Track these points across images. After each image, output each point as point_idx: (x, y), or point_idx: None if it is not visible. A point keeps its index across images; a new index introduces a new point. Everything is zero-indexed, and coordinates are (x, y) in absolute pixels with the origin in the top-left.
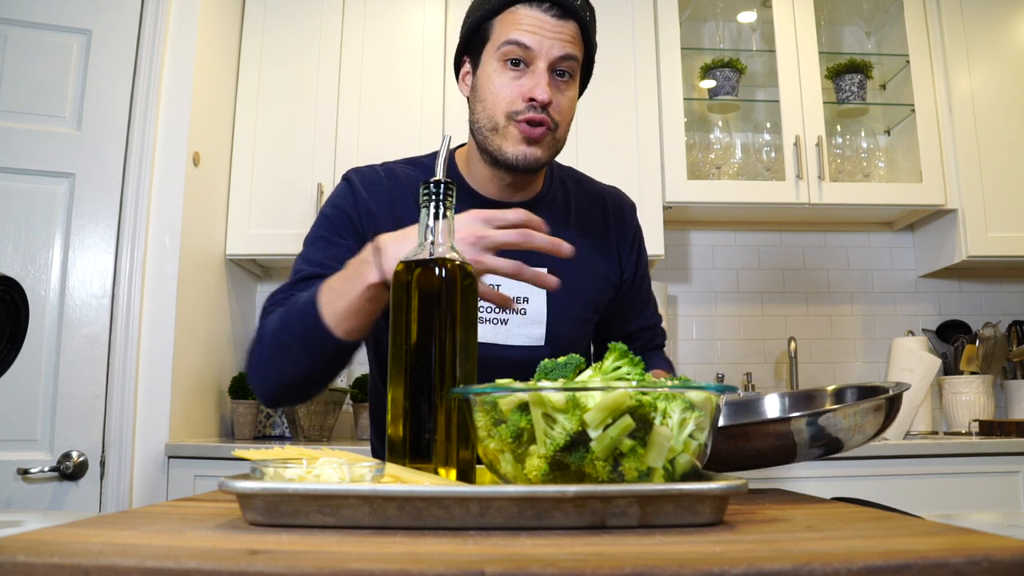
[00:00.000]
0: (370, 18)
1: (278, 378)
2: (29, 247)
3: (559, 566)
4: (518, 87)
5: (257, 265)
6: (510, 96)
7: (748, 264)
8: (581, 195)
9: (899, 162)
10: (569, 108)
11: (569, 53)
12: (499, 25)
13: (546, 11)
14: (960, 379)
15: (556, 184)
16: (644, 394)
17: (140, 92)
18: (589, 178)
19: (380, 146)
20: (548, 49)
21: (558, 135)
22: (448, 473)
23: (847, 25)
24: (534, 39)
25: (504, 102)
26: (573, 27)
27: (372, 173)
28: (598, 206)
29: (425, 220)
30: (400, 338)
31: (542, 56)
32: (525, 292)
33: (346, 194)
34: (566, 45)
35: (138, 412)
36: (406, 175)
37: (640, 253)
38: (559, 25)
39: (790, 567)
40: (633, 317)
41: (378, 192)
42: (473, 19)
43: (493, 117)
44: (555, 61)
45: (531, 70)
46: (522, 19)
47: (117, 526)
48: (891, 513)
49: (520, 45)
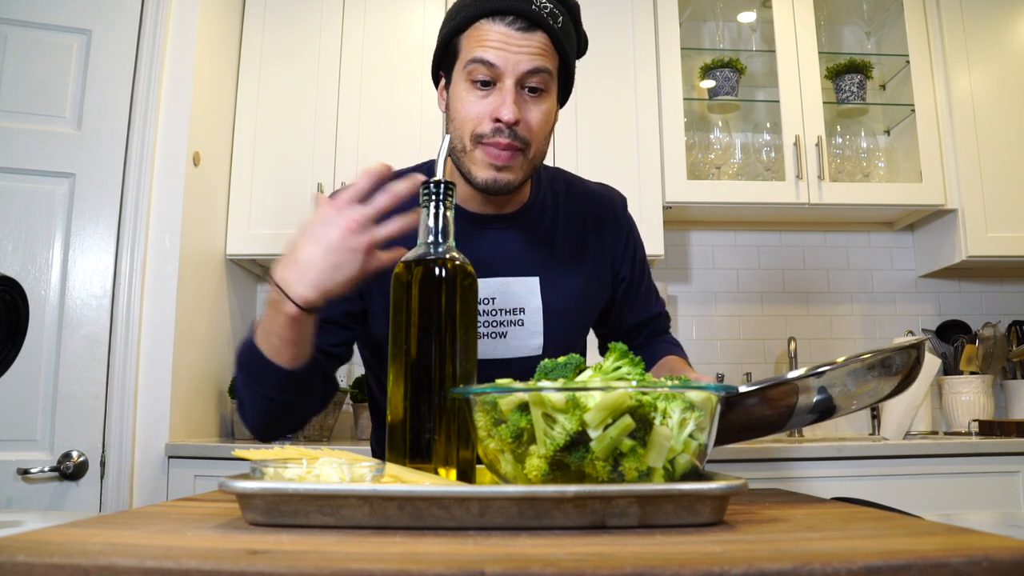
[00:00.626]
0: (370, 18)
1: (261, 417)
2: (29, 247)
3: (559, 566)
4: (484, 107)
5: (257, 265)
6: (476, 116)
7: (748, 264)
8: (571, 198)
9: (899, 162)
10: (543, 124)
11: (538, 66)
12: (465, 42)
13: (510, 25)
14: (960, 379)
15: (544, 190)
16: (644, 394)
17: (140, 92)
18: (579, 179)
19: (380, 146)
20: (515, 65)
21: (531, 154)
22: (448, 473)
23: (847, 25)
24: (499, 55)
25: (470, 123)
26: (541, 38)
27: None
28: (589, 208)
29: (425, 220)
30: (400, 338)
31: (508, 72)
32: (520, 303)
33: None
34: (534, 58)
35: (138, 412)
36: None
37: (636, 247)
38: (525, 38)
39: (790, 567)
40: (639, 310)
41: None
42: (443, 34)
43: (462, 139)
44: (523, 76)
45: (498, 88)
46: (486, 35)
47: (117, 526)
48: (891, 513)
49: (485, 63)
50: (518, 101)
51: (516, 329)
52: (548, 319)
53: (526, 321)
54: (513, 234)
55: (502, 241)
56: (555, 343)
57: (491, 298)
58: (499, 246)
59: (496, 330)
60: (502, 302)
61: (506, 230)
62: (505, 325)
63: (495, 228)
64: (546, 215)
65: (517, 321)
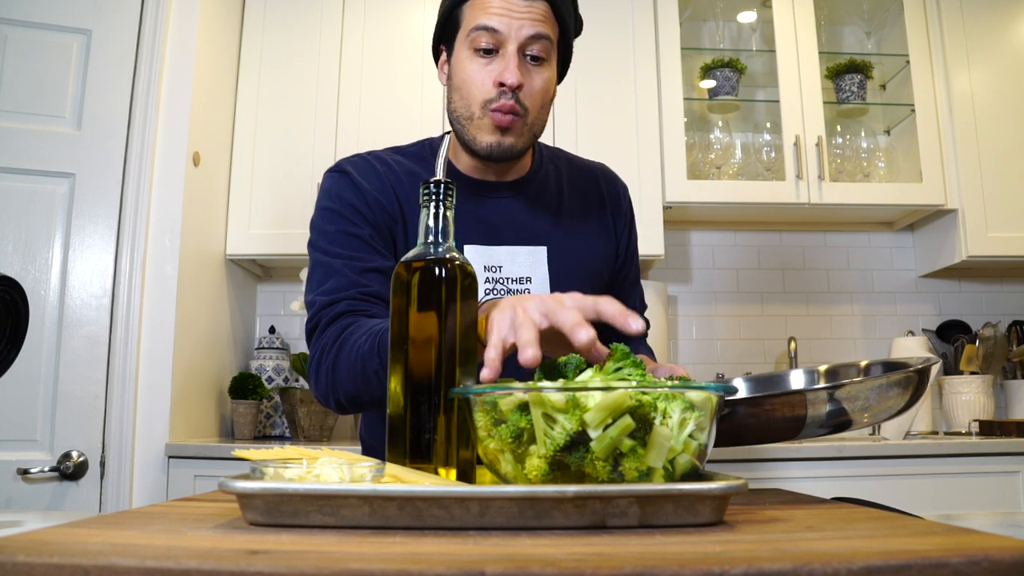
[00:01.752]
0: (370, 18)
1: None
2: (29, 247)
3: (559, 566)
4: (488, 73)
5: (257, 265)
6: (482, 83)
7: (748, 264)
8: (573, 173)
9: (899, 162)
10: (543, 91)
11: (540, 32)
12: (468, 11)
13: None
14: (960, 379)
15: (546, 163)
16: (644, 394)
17: (140, 92)
18: (578, 157)
19: (380, 146)
20: (517, 30)
21: (530, 120)
22: (448, 473)
23: (847, 25)
24: (502, 21)
25: (477, 90)
26: (543, 6)
27: (365, 163)
28: (591, 183)
29: (425, 220)
30: (400, 338)
31: (511, 38)
32: (527, 272)
33: (348, 187)
34: (536, 24)
35: (138, 412)
36: (396, 162)
37: (632, 232)
38: (527, 5)
39: (790, 567)
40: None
41: (377, 180)
42: (444, 6)
43: (469, 106)
44: (525, 42)
45: (500, 54)
46: (489, 3)
47: (117, 526)
48: (891, 513)
49: (488, 29)
50: (521, 67)
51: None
52: (555, 289)
53: (532, 291)
54: (519, 203)
55: (508, 209)
56: None
57: (498, 266)
58: (505, 214)
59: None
60: (508, 271)
61: (511, 198)
62: (511, 294)
63: (500, 196)
64: (550, 185)
65: (524, 291)
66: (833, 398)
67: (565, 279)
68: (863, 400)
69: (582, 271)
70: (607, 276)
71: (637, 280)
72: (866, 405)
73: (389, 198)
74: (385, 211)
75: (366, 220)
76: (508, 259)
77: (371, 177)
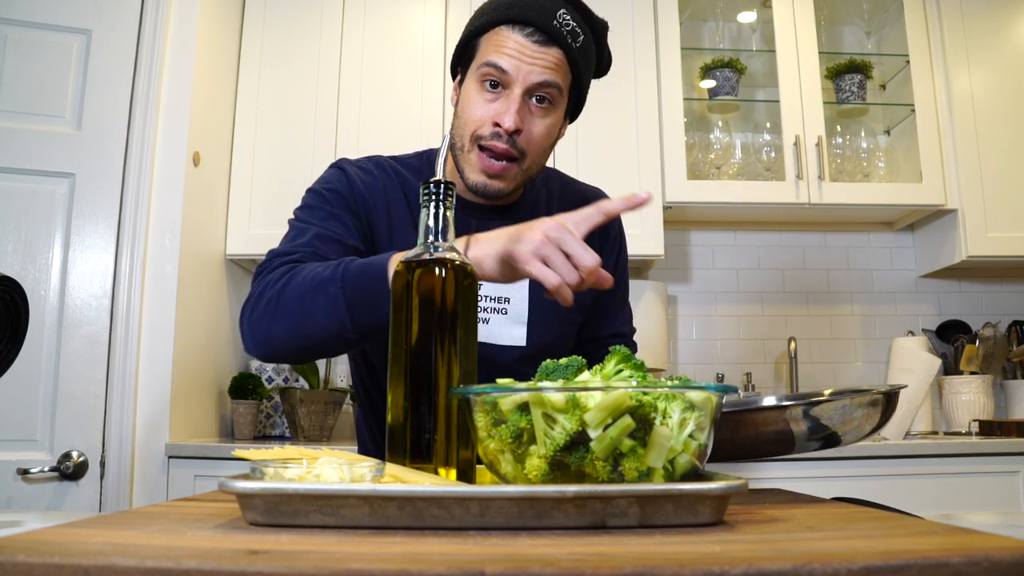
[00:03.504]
0: (370, 18)
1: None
2: (29, 247)
3: (559, 566)
4: (489, 110)
5: (257, 265)
6: (480, 118)
7: (748, 264)
8: (565, 196)
9: (899, 162)
10: (543, 137)
11: (548, 80)
12: (484, 44)
13: (528, 36)
14: (960, 379)
15: (538, 186)
16: (644, 394)
17: (140, 92)
18: (574, 180)
19: (380, 146)
20: (526, 75)
21: (526, 165)
22: (448, 473)
23: (847, 25)
24: (512, 63)
25: (473, 123)
26: (557, 54)
27: (362, 163)
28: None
29: (425, 220)
30: (400, 338)
31: (518, 81)
32: (506, 293)
33: (340, 178)
34: (545, 72)
35: (138, 412)
36: (394, 169)
37: (620, 255)
38: (540, 51)
39: (790, 567)
40: (605, 322)
41: (371, 182)
42: (464, 33)
43: (462, 136)
44: (532, 87)
45: (506, 94)
46: (504, 42)
47: (117, 526)
48: (891, 513)
49: (498, 68)
50: (522, 111)
51: (499, 317)
52: (534, 311)
53: (510, 311)
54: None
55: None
56: (539, 336)
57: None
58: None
59: (479, 315)
60: (487, 289)
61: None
62: (488, 312)
63: (486, 218)
64: (539, 211)
65: (501, 309)
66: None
67: (545, 301)
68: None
69: None
70: (590, 298)
71: (624, 304)
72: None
73: (377, 199)
74: (369, 210)
75: (349, 208)
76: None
77: (366, 176)
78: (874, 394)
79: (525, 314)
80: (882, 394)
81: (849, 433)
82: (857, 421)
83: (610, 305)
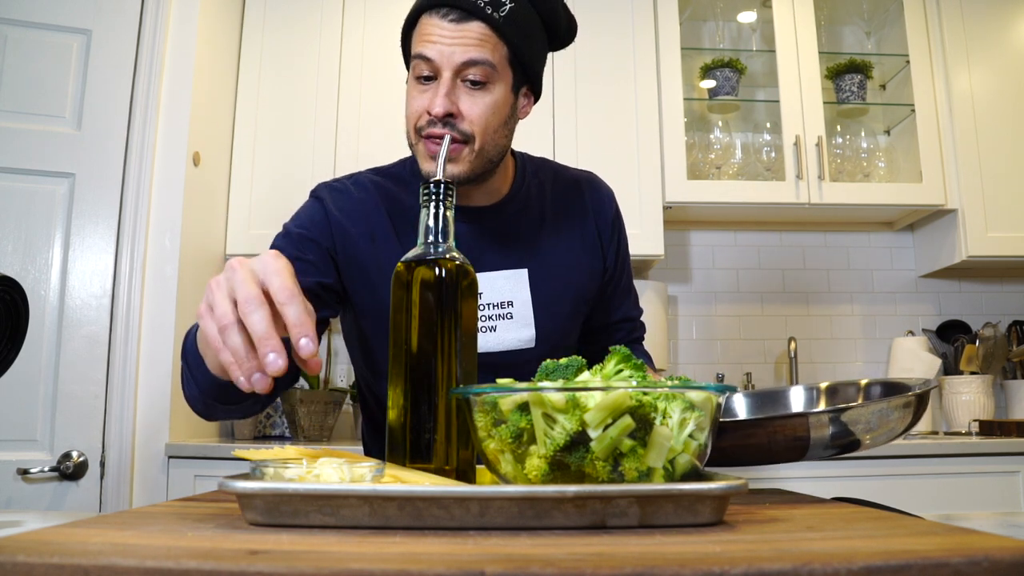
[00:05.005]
0: (370, 18)
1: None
2: (29, 247)
3: (559, 566)
4: (423, 101)
5: None
6: (415, 111)
7: (748, 264)
8: (557, 186)
9: (899, 162)
10: (488, 115)
11: (473, 58)
12: (414, 38)
13: (444, 17)
14: (960, 379)
15: (529, 179)
16: (644, 394)
17: (140, 92)
18: (565, 167)
19: (380, 146)
20: (448, 57)
21: (477, 146)
22: (448, 473)
23: (847, 25)
24: (434, 49)
25: (412, 118)
26: (478, 28)
27: (342, 187)
28: (575, 194)
29: (425, 220)
30: (400, 338)
31: (444, 66)
32: (508, 297)
33: (315, 213)
34: (469, 49)
35: (138, 412)
36: (374, 184)
37: (620, 240)
38: (459, 29)
39: (790, 567)
40: (614, 308)
41: (350, 207)
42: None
43: (408, 134)
44: (459, 68)
45: (437, 82)
46: (425, 30)
47: (117, 526)
48: (891, 513)
49: (423, 58)
50: (451, 93)
51: (505, 322)
52: (539, 310)
53: (515, 314)
54: (497, 225)
55: (485, 233)
56: (548, 334)
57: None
58: (482, 239)
59: (485, 324)
60: (489, 296)
61: (489, 222)
62: (494, 319)
63: (476, 221)
64: (532, 205)
65: (506, 315)
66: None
67: (549, 298)
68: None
69: (566, 288)
70: (595, 289)
71: (630, 287)
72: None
73: (358, 227)
74: (350, 240)
75: (319, 248)
76: (487, 285)
77: (344, 203)
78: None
79: (531, 315)
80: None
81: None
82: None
83: (616, 292)
